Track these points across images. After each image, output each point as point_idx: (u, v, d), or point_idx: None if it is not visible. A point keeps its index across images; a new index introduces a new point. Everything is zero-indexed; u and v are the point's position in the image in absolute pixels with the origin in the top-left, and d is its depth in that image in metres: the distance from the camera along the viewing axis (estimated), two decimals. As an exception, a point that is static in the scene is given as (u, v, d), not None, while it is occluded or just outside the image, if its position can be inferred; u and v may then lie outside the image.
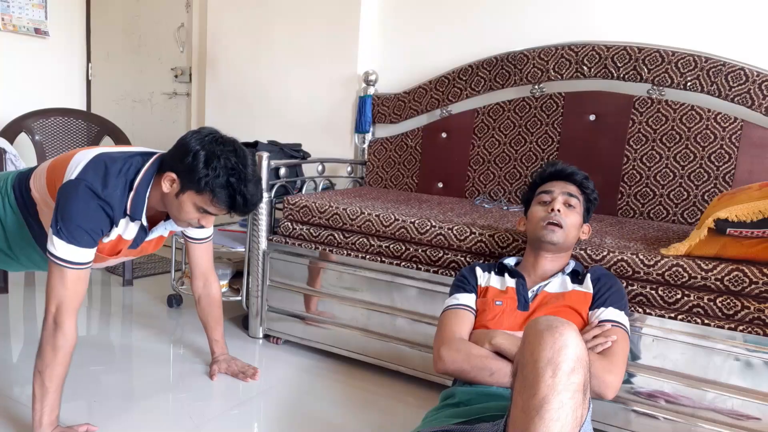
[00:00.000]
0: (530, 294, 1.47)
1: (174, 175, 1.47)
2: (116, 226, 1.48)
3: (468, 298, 1.50)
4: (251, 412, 1.77)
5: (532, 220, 1.53)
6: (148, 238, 1.63)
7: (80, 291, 1.45)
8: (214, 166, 1.42)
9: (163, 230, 1.66)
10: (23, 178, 1.63)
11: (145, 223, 1.55)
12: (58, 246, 1.40)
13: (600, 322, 1.38)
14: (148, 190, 1.51)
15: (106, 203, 1.43)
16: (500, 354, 1.32)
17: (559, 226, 1.48)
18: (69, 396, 1.74)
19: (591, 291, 1.45)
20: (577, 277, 1.50)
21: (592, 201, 1.59)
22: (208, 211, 1.49)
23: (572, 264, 1.54)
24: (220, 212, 1.51)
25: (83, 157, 1.49)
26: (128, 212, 1.49)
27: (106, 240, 1.52)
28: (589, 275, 1.49)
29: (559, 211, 1.49)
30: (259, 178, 1.54)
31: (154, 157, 1.56)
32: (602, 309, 1.40)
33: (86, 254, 1.43)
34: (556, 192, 1.53)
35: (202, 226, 1.58)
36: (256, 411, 1.78)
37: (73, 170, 1.45)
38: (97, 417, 1.65)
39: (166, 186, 1.48)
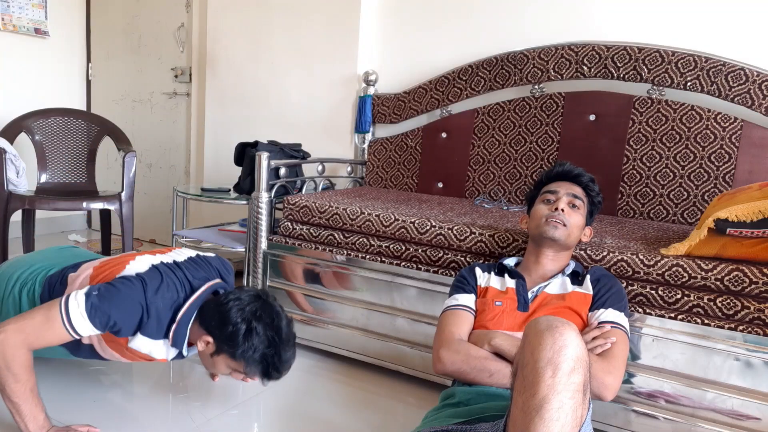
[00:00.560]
0: (530, 295, 1.47)
1: (210, 339, 1.48)
2: (144, 333, 1.45)
3: (467, 299, 1.50)
4: (251, 412, 1.77)
5: (535, 217, 1.53)
6: (184, 356, 1.63)
7: (47, 341, 1.39)
8: (252, 343, 1.45)
9: (196, 351, 1.63)
10: (55, 281, 1.58)
11: (185, 353, 1.56)
12: (75, 303, 1.37)
13: (599, 323, 1.38)
14: (190, 324, 1.51)
15: (146, 308, 1.43)
16: (499, 355, 1.32)
17: (563, 224, 1.48)
18: (69, 396, 1.74)
19: (591, 292, 1.45)
20: (577, 278, 1.50)
21: (596, 204, 1.58)
22: (240, 372, 1.52)
23: (572, 265, 1.54)
24: (252, 378, 1.53)
25: (143, 264, 1.51)
26: (171, 341, 1.49)
27: (135, 348, 1.48)
28: (588, 276, 1.49)
29: (563, 210, 1.49)
30: (294, 337, 1.56)
31: (202, 288, 1.55)
32: (602, 310, 1.40)
33: (89, 330, 1.40)
34: (561, 192, 1.53)
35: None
36: (256, 411, 1.78)
37: (133, 269, 1.48)
38: (97, 417, 1.65)
39: (201, 345, 1.50)
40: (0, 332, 1.35)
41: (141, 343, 1.47)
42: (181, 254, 1.64)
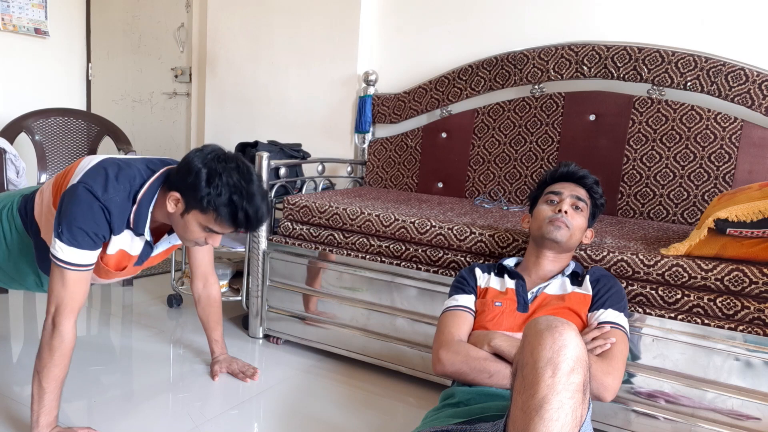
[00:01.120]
0: (530, 295, 1.47)
1: (178, 195, 1.46)
2: (114, 233, 1.47)
3: (467, 300, 1.50)
4: (251, 412, 1.77)
5: (538, 217, 1.53)
6: (153, 254, 1.63)
7: (80, 293, 1.45)
8: (216, 184, 1.41)
9: (167, 244, 1.66)
10: (28, 198, 1.63)
11: (149, 238, 1.54)
12: (59, 248, 1.40)
13: (599, 323, 1.38)
14: (152, 204, 1.49)
15: (105, 207, 1.42)
16: (499, 356, 1.32)
17: (565, 226, 1.48)
18: (69, 396, 1.74)
19: (590, 293, 1.45)
20: (576, 278, 1.50)
21: (598, 206, 1.58)
22: (214, 230, 1.49)
23: (572, 265, 1.54)
24: (225, 230, 1.49)
25: (86, 163, 1.49)
26: (131, 225, 1.48)
27: (110, 252, 1.51)
28: (588, 277, 1.49)
29: (566, 212, 1.49)
30: (266, 193, 1.52)
31: (162, 170, 1.53)
32: (601, 311, 1.40)
33: (87, 256, 1.43)
34: (565, 194, 1.53)
35: (207, 244, 1.58)
36: (256, 411, 1.78)
37: (76, 177, 1.45)
38: (97, 417, 1.65)
39: (170, 206, 1.47)
40: (56, 318, 1.41)
41: (112, 245, 1.48)
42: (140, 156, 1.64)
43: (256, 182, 1.47)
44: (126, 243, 1.52)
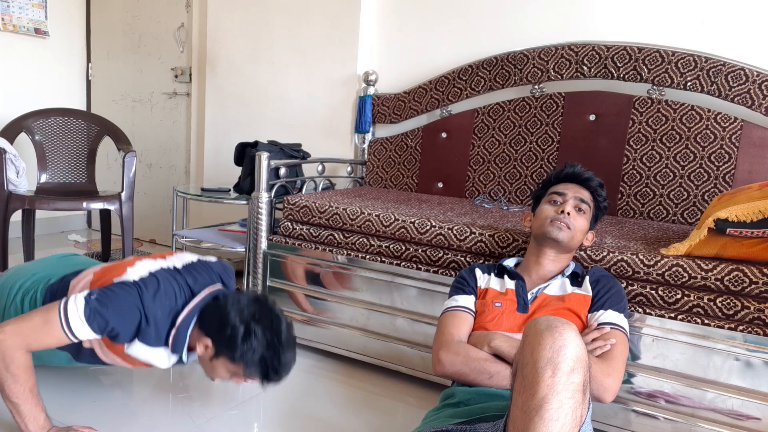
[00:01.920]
0: (530, 296, 1.47)
1: (209, 342, 1.48)
2: (142, 340, 1.45)
3: (467, 300, 1.49)
4: (251, 412, 1.77)
5: (540, 216, 1.53)
6: (184, 362, 1.62)
7: (44, 344, 1.39)
8: (251, 344, 1.43)
9: (196, 356, 1.62)
10: (55, 287, 1.57)
11: (186, 358, 1.55)
12: (74, 307, 1.37)
13: (599, 324, 1.38)
14: (190, 329, 1.50)
15: (145, 316, 1.42)
16: (499, 356, 1.32)
17: (567, 227, 1.48)
18: (69, 396, 1.75)
19: (590, 294, 1.45)
20: (576, 279, 1.50)
21: (601, 209, 1.58)
22: (240, 376, 1.51)
23: (572, 265, 1.54)
24: (252, 380, 1.52)
25: (140, 269, 1.50)
26: (170, 346, 1.49)
27: (134, 356, 1.48)
28: (588, 277, 1.49)
29: (568, 214, 1.49)
30: (294, 340, 1.54)
31: (202, 294, 1.54)
32: (601, 311, 1.40)
33: (86, 333, 1.40)
34: (569, 195, 1.52)
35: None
36: (256, 411, 1.78)
37: (133, 275, 1.46)
38: (96, 417, 1.65)
39: (200, 349, 1.49)
40: (8, 342, 1.35)
41: (139, 350, 1.47)
42: (182, 259, 1.63)
43: (286, 333, 1.49)
44: (157, 357, 1.50)
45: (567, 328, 0.98)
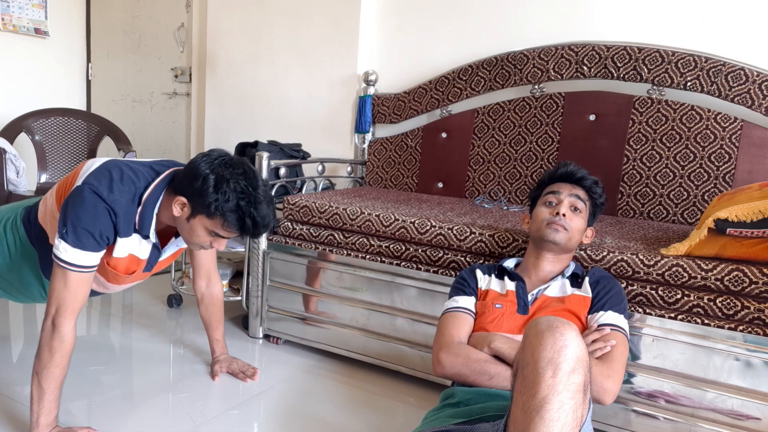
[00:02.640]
0: (530, 297, 1.47)
1: (184, 199, 1.46)
2: (120, 235, 1.46)
3: (467, 301, 1.49)
4: (251, 412, 1.77)
5: (536, 219, 1.53)
6: (161, 258, 1.63)
7: (81, 294, 1.44)
8: (224, 190, 1.41)
9: (174, 247, 1.65)
10: (31, 209, 1.62)
11: (155, 240, 1.54)
12: (62, 249, 1.40)
13: (599, 326, 1.38)
14: (157, 206, 1.49)
15: (111, 208, 1.42)
16: (499, 358, 1.32)
17: (563, 228, 1.47)
18: (69, 396, 1.74)
19: (590, 295, 1.45)
20: (576, 280, 1.50)
21: (598, 206, 1.58)
22: (220, 234, 1.49)
23: (572, 266, 1.53)
24: (231, 235, 1.50)
25: (90, 165, 1.48)
26: (137, 227, 1.48)
27: (119, 256, 1.50)
28: (587, 278, 1.49)
29: (564, 215, 1.48)
30: (272, 198, 1.52)
31: (166, 172, 1.53)
32: (601, 312, 1.40)
33: (90, 258, 1.42)
34: (564, 195, 1.52)
35: (213, 248, 1.58)
36: (256, 411, 1.78)
37: (80, 179, 1.45)
38: (97, 417, 1.65)
39: (176, 210, 1.47)
40: (56, 319, 1.41)
41: (120, 247, 1.47)
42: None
43: (263, 188, 1.47)
44: (134, 247, 1.51)
45: (568, 329, 0.97)
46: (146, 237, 1.52)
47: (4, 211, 1.70)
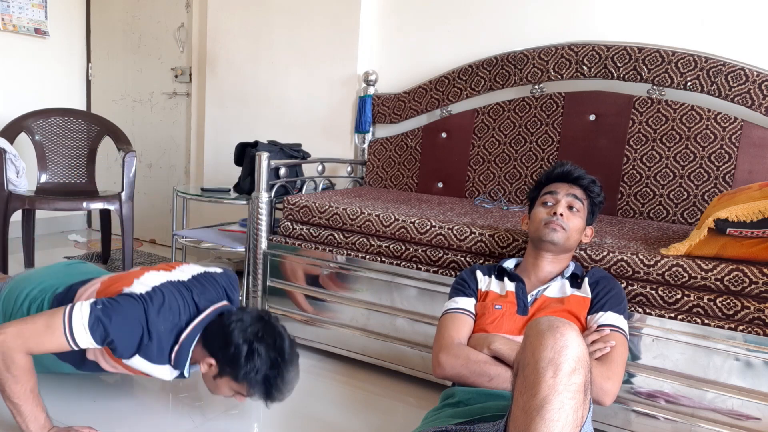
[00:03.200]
0: (529, 298, 1.47)
1: (213, 362, 1.48)
2: (143, 357, 1.45)
3: (467, 302, 1.49)
4: (251, 412, 1.77)
5: (535, 220, 1.53)
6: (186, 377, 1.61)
7: (48, 350, 1.40)
8: (254, 364, 1.44)
9: (197, 369, 1.62)
10: (63, 298, 1.56)
11: (187, 374, 1.55)
12: (79, 314, 1.37)
13: (599, 326, 1.38)
14: (192, 346, 1.50)
15: (148, 331, 1.42)
16: (499, 359, 1.32)
17: (561, 228, 1.47)
18: (69, 396, 1.74)
19: (589, 295, 1.45)
20: (576, 280, 1.50)
21: (597, 205, 1.57)
22: (243, 394, 1.52)
23: (572, 266, 1.53)
24: (255, 398, 1.53)
25: (150, 279, 1.49)
26: (172, 363, 1.49)
27: (135, 367, 1.49)
28: (587, 279, 1.48)
29: (561, 215, 1.48)
30: (298, 360, 1.55)
31: (206, 312, 1.54)
32: (601, 313, 1.40)
33: (89, 342, 1.39)
34: (561, 194, 1.52)
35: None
36: (256, 411, 1.78)
37: (140, 287, 1.45)
38: (97, 417, 1.65)
39: (204, 368, 1.50)
40: (11, 344, 1.35)
41: (139, 364, 1.47)
42: (189, 271, 1.62)
43: (289, 353, 1.50)
44: (161, 372, 1.51)
45: (568, 329, 0.98)
46: (180, 373, 1.53)
47: (30, 286, 1.64)
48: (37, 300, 1.59)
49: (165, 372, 1.51)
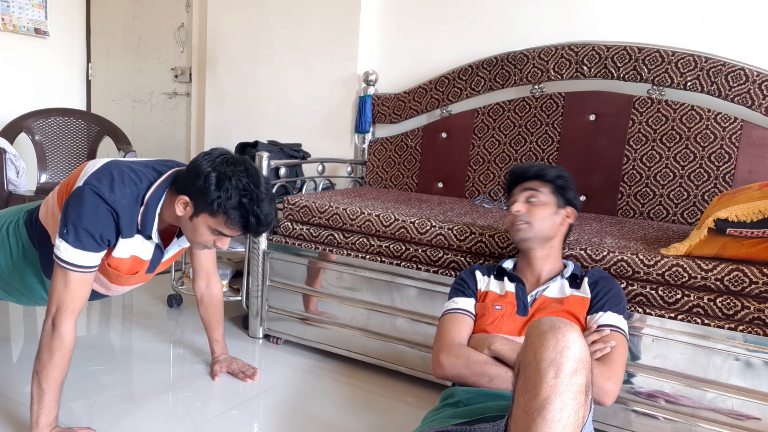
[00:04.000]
0: (529, 299, 1.47)
1: (187, 198, 1.46)
2: (123, 236, 1.46)
3: (467, 303, 1.50)
4: (251, 412, 1.77)
5: (508, 226, 1.57)
6: (164, 258, 1.63)
7: (82, 295, 1.44)
8: (226, 188, 1.41)
9: (176, 247, 1.65)
10: (33, 211, 1.63)
11: (158, 241, 1.54)
12: (63, 249, 1.40)
13: (598, 326, 1.38)
14: (159, 205, 1.49)
15: (112, 209, 1.41)
16: (499, 359, 1.32)
17: (525, 222, 1.50)
18: (69, 396, 1.74)
19: (588, 296, 1.45)
20: (575, 281, 1.50)
21: (561, 186, 1.56)
22: (223, 233, 1.49)
23: (571, 267, 1.53)
24: (234, 233, 1.50)
25: (91, 166, 1.48)
26: (139, 227, 1.48)
27: (121, 256, 1.50)
28: (586, 279, 1.49)
29: (519, 211, 1.51)
30: (273, 197, 1.52)
31: (168, 172, 1.53)
32: (600, 313, 1.40)
33: (91, 258, 1.42)
34: (516, 194, 1.56)
35: (217, 248, 1.58)
36: (256, 411, 1.78)
37: (81, 179, 1.45)
38: (97, 417, 1.65)
39: (179, 209, 1.47)
40: (56, 319, 1.41)
41: (122, 248, 1.47)
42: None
43: (265, 186, 1.48)
44: (137, 247, 1.52)
45: (570, 329, 0.97)
46: (149, 237, 1.52)
47: (6, 214, 1.70)
48: (12, 219, 1.65)
49: (138, 246, 1.50)
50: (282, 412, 1.77)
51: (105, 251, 1.47)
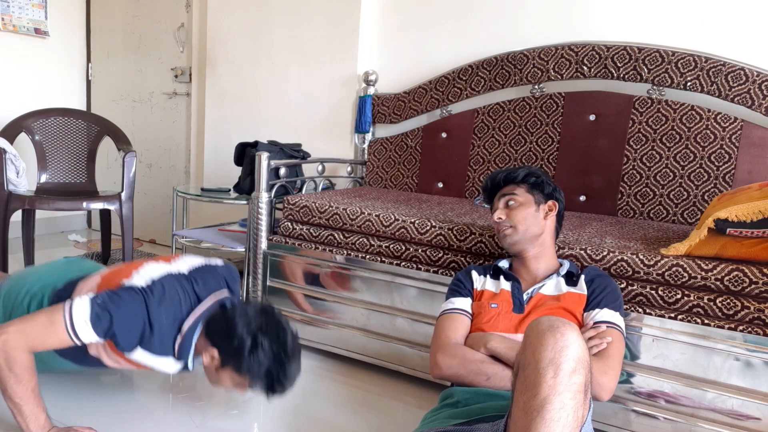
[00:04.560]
0: (525, 297, 1.48)
1: (216, 353, 1.47)
2: (149, 351, 1.44)
3: (464, 302, 1.50)
4: (251, 412, 1.77)
5: (496, 235, 1.59)
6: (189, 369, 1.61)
7: (49, 345, 1.40)
8: (258, 356, 1.43)
9: (199, 363, 1.62)
10: (62, 293, 1.56)
11: (192, 366, 1.54)
12: (78, 311, 1.37)
13: (595, 323, 1.38)
14: (195, 337, 1.50)
15: (149, 321, 1.41)
16: (496, 358, 1.33)
17: (509, 227, 1.51)
18: (69, 396, 1.75)
19: (585, 293, 1.45)
20: (571, 278, 1.51)
21: (535, 183, 1.57)
22: (244, 387, 1.51)
23: (567, 265, 1.54)
24: (256, 391, 1.52)
25: (148, 274, 1.48)
26: (176, 354, 1.48)
27: (137, 360, 1.48)
28: (583, 276, 1.49)
29: (500, 218, 1.53)
30: (299, 354, 1.54)
31: (208, 302, 1.53)
32: (597, 310, 1.41)
33: (89, 336, 1.39)
34: (495, 203, 1.58)
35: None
36: (256, 411, 1.78)
37: (139, 280, 1.45)
38: (97, 417, 1.65)
39: (206, 359, 1.49)
40: (1, 333, 1.35)
41: (142, 357, 1.46)
42: (188, 263, 1.61)
43: (292, 348, 1.49)
44: (164, 365, 1.50)
45: (569, 329, 0.98)
46: (185, 366, 1.52)
47: (28, 284, 1.63)
48: (37, 296, 1.59)
49: (169, 364, 1.50)
50: (282, 412, 1.77)
51: (103, 342, 1.45)
